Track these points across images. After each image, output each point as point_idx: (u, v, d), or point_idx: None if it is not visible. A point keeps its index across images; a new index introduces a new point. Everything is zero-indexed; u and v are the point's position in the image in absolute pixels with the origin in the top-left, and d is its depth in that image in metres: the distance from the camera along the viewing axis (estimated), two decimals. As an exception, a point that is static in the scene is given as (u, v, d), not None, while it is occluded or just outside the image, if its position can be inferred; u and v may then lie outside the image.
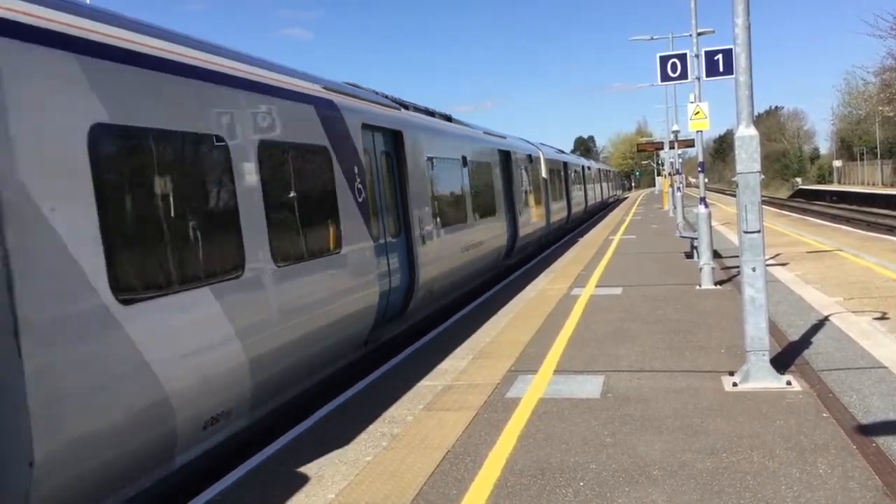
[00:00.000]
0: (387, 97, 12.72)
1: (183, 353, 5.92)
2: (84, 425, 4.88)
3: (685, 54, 15.96)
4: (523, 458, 6.16)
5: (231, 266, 6.69)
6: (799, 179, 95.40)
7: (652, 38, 33.20)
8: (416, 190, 12.02)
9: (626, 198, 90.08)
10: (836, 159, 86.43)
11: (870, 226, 32.57)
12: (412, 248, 11.61)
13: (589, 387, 8.02)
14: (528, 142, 27.12)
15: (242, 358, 6.71)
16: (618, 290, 14.35)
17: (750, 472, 5.56)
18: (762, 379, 7.57)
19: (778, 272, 15.01)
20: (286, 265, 7.59)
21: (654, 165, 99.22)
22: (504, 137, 21.86)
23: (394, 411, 7.67)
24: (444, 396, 8.05)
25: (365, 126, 10.29)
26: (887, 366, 7.99)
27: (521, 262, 22.00)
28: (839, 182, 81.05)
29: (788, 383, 7.52)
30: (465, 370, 9.09)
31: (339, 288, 8.86)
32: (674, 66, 15.78)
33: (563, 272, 17.84)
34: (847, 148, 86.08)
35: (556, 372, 8.70)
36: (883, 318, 10.33)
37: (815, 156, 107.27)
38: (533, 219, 23.45)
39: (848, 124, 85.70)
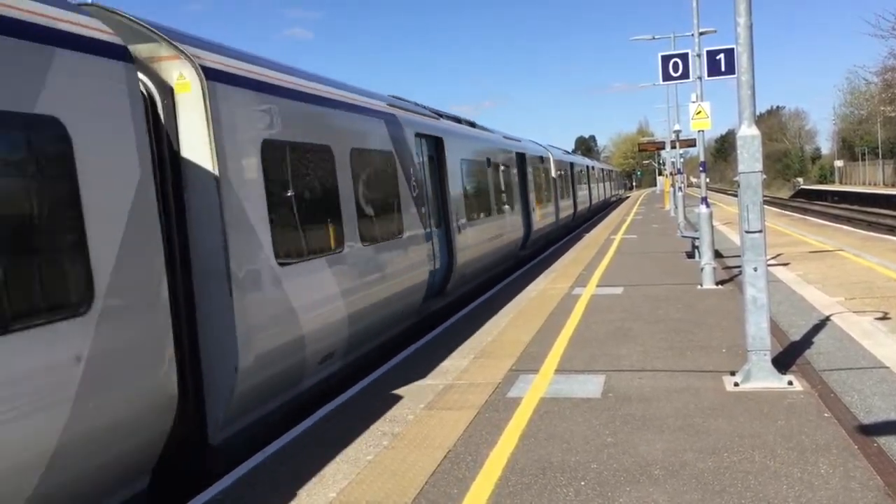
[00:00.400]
0: (426, 108, 14.67)
1: (311, 304, 8.08)
2: (263, 345, 7.11)
3: (687, 54, 15.96)
4: (525, 457, 6.15)
5: (336, 243, 8.91)
6: (800, 179, 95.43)
7: (653, 38, 33.10)
8: (453, 187, 14.13)
9: (627, 197, 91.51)
10: (838, 159, 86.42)
11: (871, 226, 32.56)
12: (451, 237, 13.65)
13: (590, 386, 8.02)
14: (538, 144, 29.00)
15: (343, 313, 8.85)
16: (619, 290, 14.35)
17: (751, 471, 5.56)
18: (763, 379, 7.56)
19: (779, 272, 15.00)
20: (368, 245, 9.75)
21: (656, 165, 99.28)
22: (519, 140, 23.98)
23: (395, 410, 7.67)
24: (446, 395, 8.05)
25: (417, 134, 12.55)
26: (888, 366, 7.99)
27: (533, 255, 23.46)
28: (840, 182, 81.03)
29: (790, 383, 7.51)
30: (467, 369, 9.09)
31: (402, 265, 11.00)
32: (675, 66, 15.77)
33: (564, 272, 17.83)
34: (848, 148, 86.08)
35: (558, 371, 8.70)
36: (884, 318, 10.33)
37: (816, 156, 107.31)
38: (544, 215, 25.44)
39: (849, 124, 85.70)
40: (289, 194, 7.96)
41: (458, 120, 16.75)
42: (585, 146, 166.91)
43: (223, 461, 6.66)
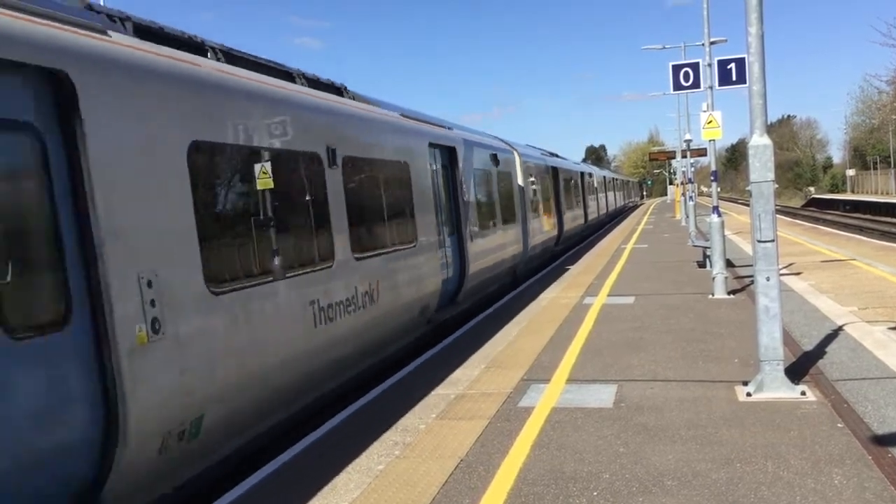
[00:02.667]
0: (543, 150, 28.97)
1: (535, 234, 22.30)
2: (532, 242, 21.44)
3: (698, 63, 15.94)
4: (536, 467, 6.15)
5: (540, 213, 23.24)
6: (812, 188, 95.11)
7: (664, 48, 33.13)
8: (561, 193, 27.99)
9: (642, 203, 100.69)
10: (850, 168, 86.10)
11: (884, 235, 32.42)
12: (562, 219, 27.69)
13: (602, 396, 8.01)
14: (588, 164, 50.63)
15: (540, 240, 23.17)
16: (630, 300, 14.32)
17: (764, 482, 5.53)
18: (776, 389, 7.53)
19: (791, 281, 14.95)
20: (542, 216, 23.64)
21: (666, 174, 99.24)
22: (579, 163, 42.33)
23: (406, 420, 7.67)
24: (457, 405, 8.05)
25: (553, 168, 26.89)
26: (903, 376, 7.94)
27: (590, 234, 39.45)
28: (852, 191, 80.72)
29: (803, 393, 7.48)
30: (478, 379, 9.09)
31: (550, 228, 25.22)
32: (686, 76, 15.76)
33: (574, 281, 17.81)
34: (860, 157, 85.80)
35: (569, 381, 8.69)
36: (898, 327, 10.26)
37: (828, 165, 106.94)
38: (592, 210, 40.53)
39: (861, 133, 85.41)
40: (536, 196, 21.98)
41: (551, 154, 29.73)
42: (595, 155, 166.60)
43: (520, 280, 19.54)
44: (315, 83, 9.68)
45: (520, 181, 20.26)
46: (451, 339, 11.96)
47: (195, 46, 7.39)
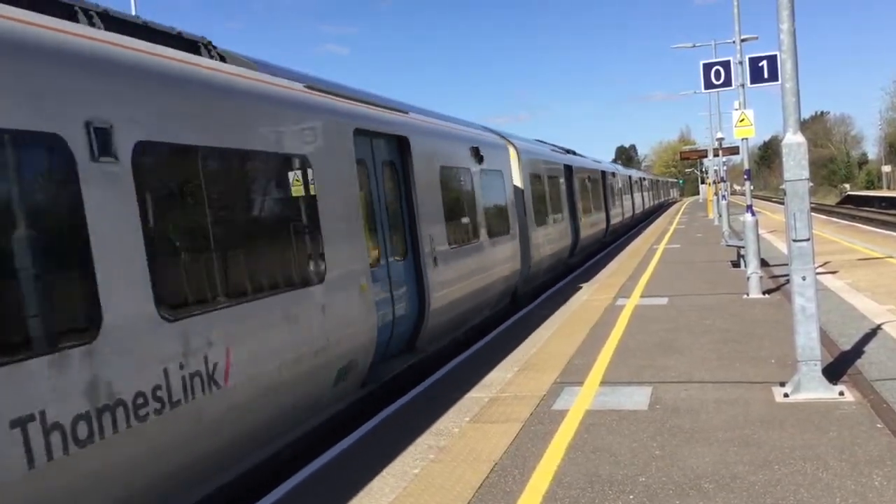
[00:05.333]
0: (622, 164, 65.34)
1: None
2: (624, 218, 40.39)
3: (729, 61, 15.81)
4: (572, 470, 6.13)
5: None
6: (847, 185, 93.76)
7: (694, 46, 32.77)
8: (636, 191, 49.54)
9: (679, 200, 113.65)
10: (885, 164, 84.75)
11: (922, 232, 31.79)
12: (634, 204, 45.97)
13: (637, 398, 7.96)
14: (640, 171, 66.79)
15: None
16: (664, 300, 14.22)
17: (803, 484, 5.47)
18: (814, 389, 7.44)
19: (828, 280, 14.74)
20: (613, 209, 35.32)
21: (698, 173, 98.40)
22: (639, 171, 66.84)
23: (440, 424, 7.68)
24: (491, 408, 8.05)
25: (618, 175, 40.00)
26: (944, 375, 7.80)
27: (642, 219, 54.46)
28: (888, 187, 79.38)
29: (841, 394, 7.38)
30: (511, 382, 9.08)
31: (623, 212, 39.23)
32: (717, 74, 15.63)
33: (607, 282, 17.73)
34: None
35: (603, 383, 8.65)
36: (938, 326, 10.08)
37: (863, 161, 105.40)
38: (646, 201, 57.90)
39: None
40: (622, 192, 39.34)
41: (623, 165, 57.29)
42: (626, 156, 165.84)
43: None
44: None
45: (617, 185, 36.53)
46: (482, 343, 11.95)
47: None
